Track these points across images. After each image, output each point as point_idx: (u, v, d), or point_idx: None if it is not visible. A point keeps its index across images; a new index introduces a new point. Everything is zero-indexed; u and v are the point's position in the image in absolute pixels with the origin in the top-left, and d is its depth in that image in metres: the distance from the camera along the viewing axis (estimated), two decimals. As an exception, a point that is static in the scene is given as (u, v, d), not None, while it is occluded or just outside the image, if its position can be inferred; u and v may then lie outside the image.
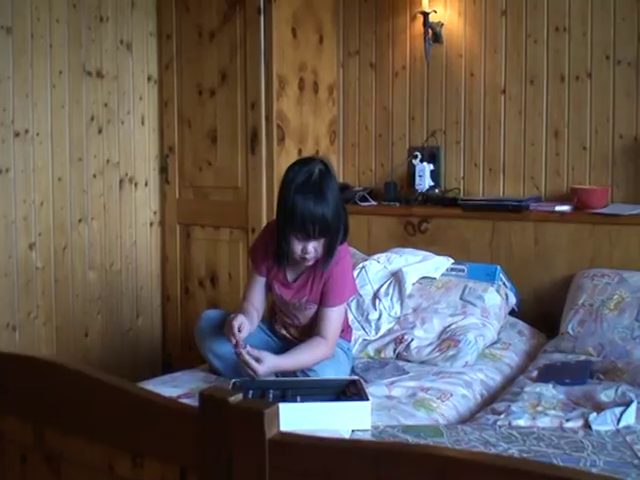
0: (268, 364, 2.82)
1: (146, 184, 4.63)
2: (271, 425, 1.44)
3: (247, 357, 2.78)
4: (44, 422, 1.86)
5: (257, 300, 3.13)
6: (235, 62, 4.29)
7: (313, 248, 2.89)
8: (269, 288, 3.17)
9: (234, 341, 2.83)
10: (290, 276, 3.09)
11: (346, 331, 3.22)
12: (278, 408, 1.47)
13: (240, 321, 2.87)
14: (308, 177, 2.85)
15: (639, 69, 3.84)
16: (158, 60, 4.63)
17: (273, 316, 3.30)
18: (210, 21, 4.37)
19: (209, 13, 4.38)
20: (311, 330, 3.10)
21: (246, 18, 4.22)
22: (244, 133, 4.29)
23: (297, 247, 2.90)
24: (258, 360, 2.79)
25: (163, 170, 4.66)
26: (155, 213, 4.70)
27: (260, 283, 3.14)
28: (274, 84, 4.20)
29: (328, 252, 2.94)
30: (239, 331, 2.84)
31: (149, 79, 4.61)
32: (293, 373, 2.95)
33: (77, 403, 1.78)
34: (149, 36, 4.59)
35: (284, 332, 3.23)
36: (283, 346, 3.17)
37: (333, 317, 3.04)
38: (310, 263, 2.98)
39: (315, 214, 2.81)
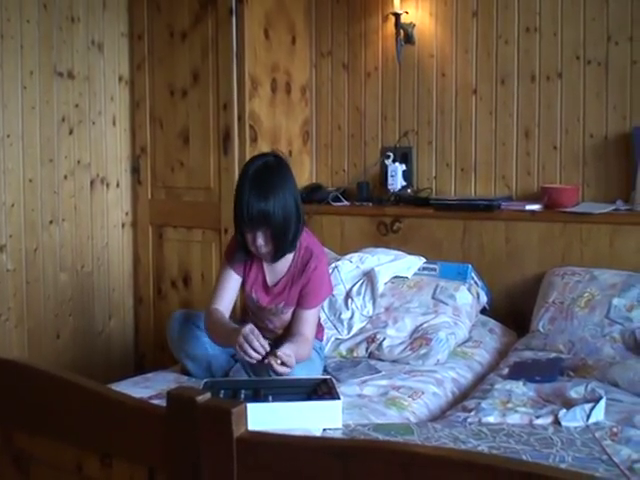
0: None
1: (118, 185, 4.61)
2: (239, 424, 1.45)
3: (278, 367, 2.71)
4: (12, 423, 1.85)
5: (227, 302, 3.07)
6: (207, 62, 4.28)
7: (262, 240, 2.87)
8: (244, 293, 3.14)
9: (262, 353, 2.71)
10: (270, 279, 3.07)
11: (318, 330, 3.21)
12: (246, 407, 1.47)
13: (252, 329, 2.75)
14: (251, 168, 2.87)
15: (609, 69, 3.87)
16: (129, 60, 4.61)
17: (244, 319, 3.27)
18: (182, 21, 4.36)
19: (181, 13, 4.37)
20: (285, 332, 3.10)
21: (218, 18, 4.22)
22: (216, 134, 4.28)
23: (248, 237, 2.90)
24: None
25: (135, 171, 4.64)
26: (127, 214, 4.68)
27: (234, 282, 3.09)
28: (246, 85, 4.20)
29: (276, 244, 2.90)
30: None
31: (120, 79, 4.59)
32: (266, 372, 2.95)
33: (45, 404, 1.77)
34: (120, 36, 4.57)
35: None
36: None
37: (311, 319, 3.04)
38: (268, 258, 2.98)
39: (251, 204, 2.80)
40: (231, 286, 3.09)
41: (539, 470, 1.24)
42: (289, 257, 3.04)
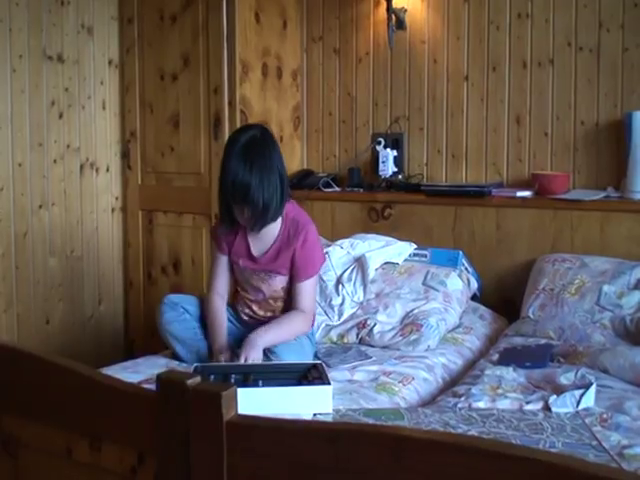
0: (257, 349, 2.89)
1: (107, 169, 4.59)
2: (229, 407, 1.44)
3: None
4: (1, 407, 1.84)
5: (223, 284, 3.19)
6: (197, 46, 4.26)
7: (246, 213, 2.97)
8: (231, 266, 3.20)
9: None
10: (255, 250, 3.11)
11: (309, 316, 3.23)
12: (236, 390, 1.47)
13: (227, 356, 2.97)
14: (237, 142, 2.93)
15: (600, 56, 3.86)
16: (119, 44, 4.59)
17: (235, 297, 3.31)
18: (172, 5, 4.33)
19: (171, -3, 4.34)
20: (273, 306, 3.16)
21: (208, 2, 4.19)
22: (207, 118, 4.26)
23: (236, 211, 2.99)
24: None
25: (125, 155, 4.62)
26: (117, 199, 4.66)
27: (224, 263, 3.18)
28: (237, 69, 4.18)
29: (258, 218, 2.98)
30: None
31: (110, 63, 4.56)
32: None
33: (34, 388, 1.76)
34: (110, 20, 4.54)
35: (247, 311, 3.23)
36: (248, 332, 3.17)
37: (308, 290, 3.08)
38: (250, 227, 3.05)
39: (236, 180, 2.88)
40: (224, 268, 3.19)
41: (529, 454, 1.24)
42: (275, 229, 3.09)
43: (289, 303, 3.13)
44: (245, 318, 3.24)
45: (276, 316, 3.14)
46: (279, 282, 3.12)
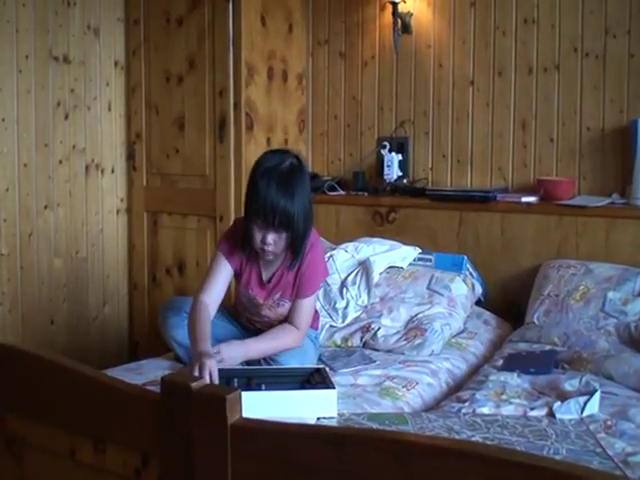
0: (235, 353, 2.82)
1: (113, 171, 4.59)
2: (233, 411, 1.44)
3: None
4: (6, 407, 1.84)
5: (217, 293, 2.99)
6: (203, 49, 4.26)
7: (272, 240, 2.83)
8: (238, 288, 3.13)
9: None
10: (265, 275, 3.05)
11: (314, 319, 3.20)
12: (240, 394, 1.47)
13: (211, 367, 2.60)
14: (277, 165, 2.81)
15: (606, 62, 3.86)
16: (125, 46, 4.58)
17: (237, 309, 3.25)
18: (178, 7, 4.33)
19: (177, -1, 4.35)
20: (276, 324, 3.08)
21: (214, 5, 4.19)
22: (212, 121, 4.26)
23: (257, 235, 2.84)
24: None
25: (130, 157, 4.62)
26: (122, 200, 4.66)
27: (227, 273, 3.02)
28: (243, 72, 4.18)
29: (292, 249, 2.91)
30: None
31: (116, 65, 4.56)
32: (258, 361, 2.94)
33: (39, 389, 1.77)
34: (117, 21, 4.54)
35: (249, 324, 3.20)
36: (249, 334, 3.16)
37: (305, 307, 3.03)
38: (270, 257, 2.93)
39: (276, 202, 2.76)
40: (223, 278, 3.02)
41: (533, 461, 1.24)
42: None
43: None
44: (247, 324, 3.22)
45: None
46: (286, 309, 3.06)
